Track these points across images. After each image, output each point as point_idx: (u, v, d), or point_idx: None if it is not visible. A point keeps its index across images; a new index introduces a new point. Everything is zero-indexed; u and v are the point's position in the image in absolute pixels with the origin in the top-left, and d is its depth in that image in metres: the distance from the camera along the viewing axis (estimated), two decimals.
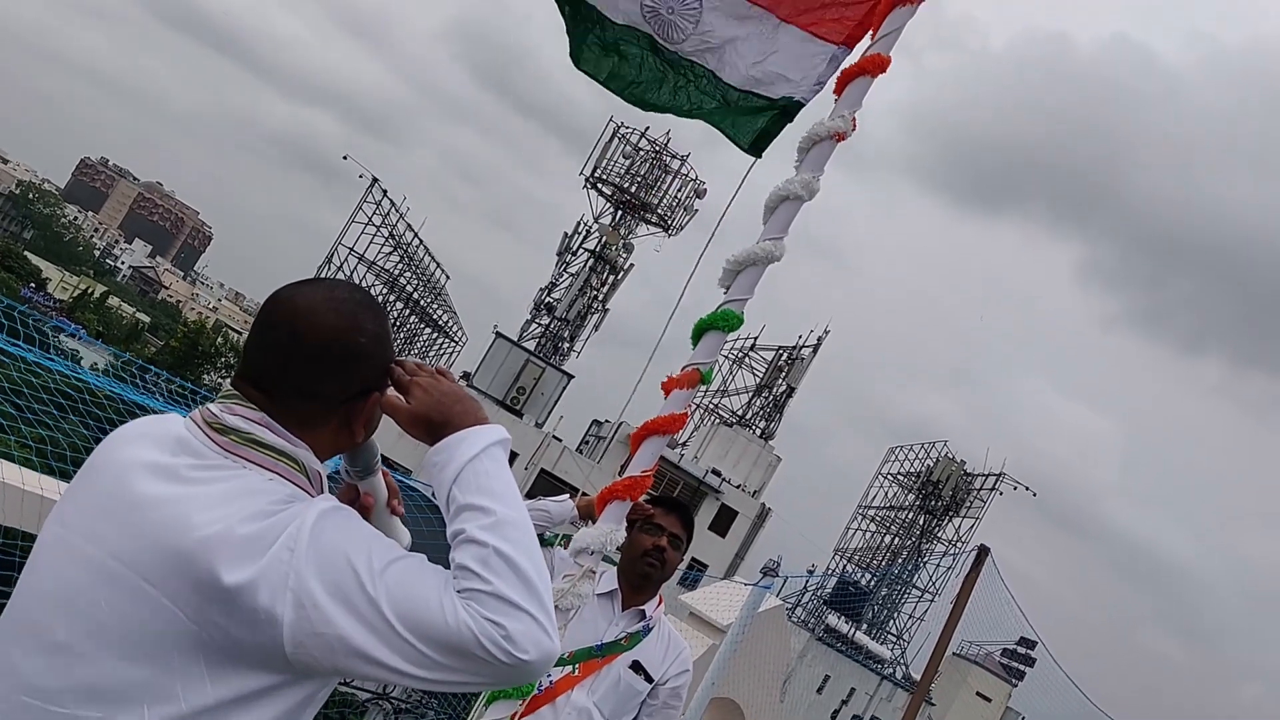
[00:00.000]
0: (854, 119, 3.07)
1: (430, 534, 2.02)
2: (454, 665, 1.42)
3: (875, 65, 3.08)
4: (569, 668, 3.50)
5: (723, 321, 3.00)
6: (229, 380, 1.65)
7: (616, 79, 3.44)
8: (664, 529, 3.69)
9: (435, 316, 60.20)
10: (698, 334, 3.04)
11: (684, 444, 53.12)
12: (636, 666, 3.59)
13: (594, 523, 3.18)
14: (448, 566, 1.51)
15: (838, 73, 3.21)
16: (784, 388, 55.88)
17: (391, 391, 1.68)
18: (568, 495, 3.81)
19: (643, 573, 3.68)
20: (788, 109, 3.35)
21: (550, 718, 3.43)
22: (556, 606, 2.69)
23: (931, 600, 51.07)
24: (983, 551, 9.36)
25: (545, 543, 3.79)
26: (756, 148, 3.44)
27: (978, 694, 49.26)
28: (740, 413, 56.03)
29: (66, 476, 5.25)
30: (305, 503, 1.50)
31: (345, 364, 1.59)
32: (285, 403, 1.58)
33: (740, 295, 3.02)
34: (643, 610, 3.68)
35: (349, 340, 1.58)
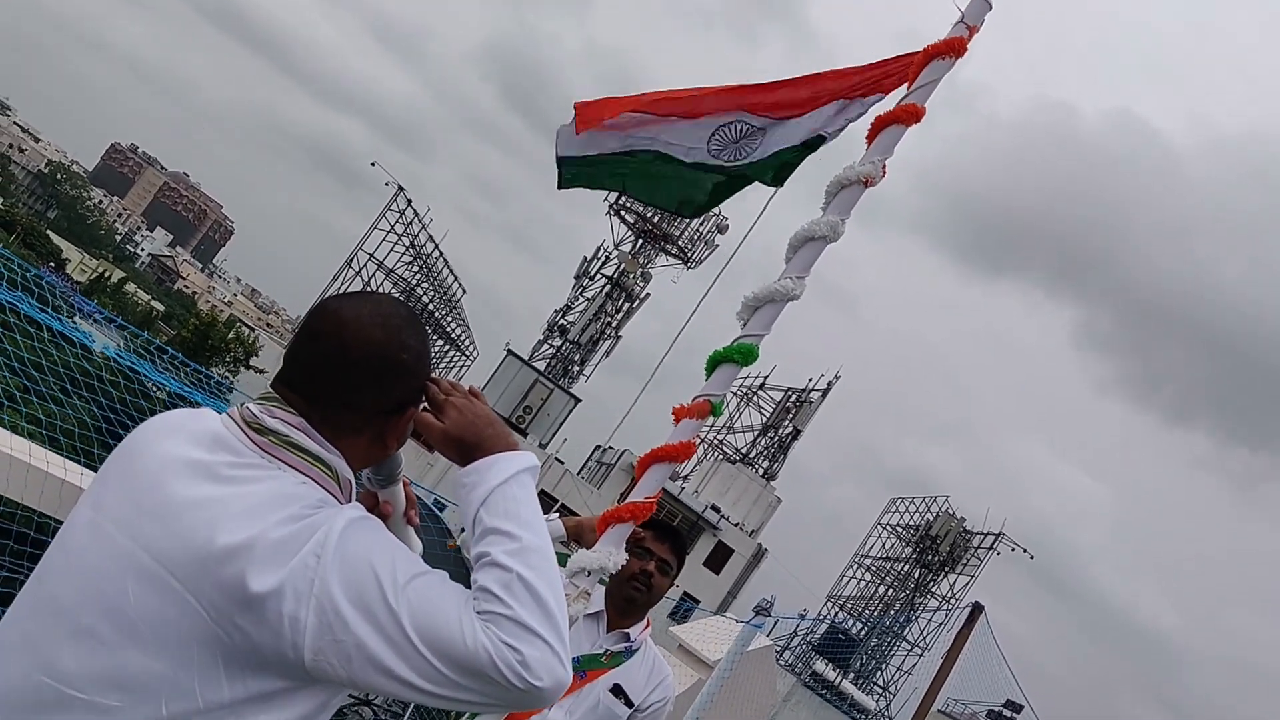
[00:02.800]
0: (884, 166, 3.08)
1: (425, 542, 2.04)
2: (466, 685, 1.44)
3: (909, 115, 3.08)
4: None
5: (739, 355, 2.99)
6: (270, 381, 1.67)
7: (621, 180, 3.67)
8: (654, 554, 3.67)
9: (449, 329, 60.34)
10: (712, 365, 3.04)
11: (685, 477, 53.00)
12: (617, 690, 3.55)
13: (581, 544, 3.17)
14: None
15: (866, 113, 3.24)
16: (790, 429, 55.81)
17: (424, 409, 1.70)
18: (557, 514, 3.81)
19: (628, 596, 3.65)
20: (809, 143, 3.40)
21: None
22: None
23: (921, 655, 50.67)
24: (977, 609, 9.31)
25: None
26: (778, 178, 3.49)
27: None
28: (744, 450, 55.94)
29: (74, 454, 5.27)
30: (334, 509, 1.52)
31: (386, 378, 1.61)
32: (323, 410, 1.60)
33: (757, 331, 3.02)
34: (627, 633, 3.65)
35: (392, 355, 1.61)
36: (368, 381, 1.60)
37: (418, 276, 56.02)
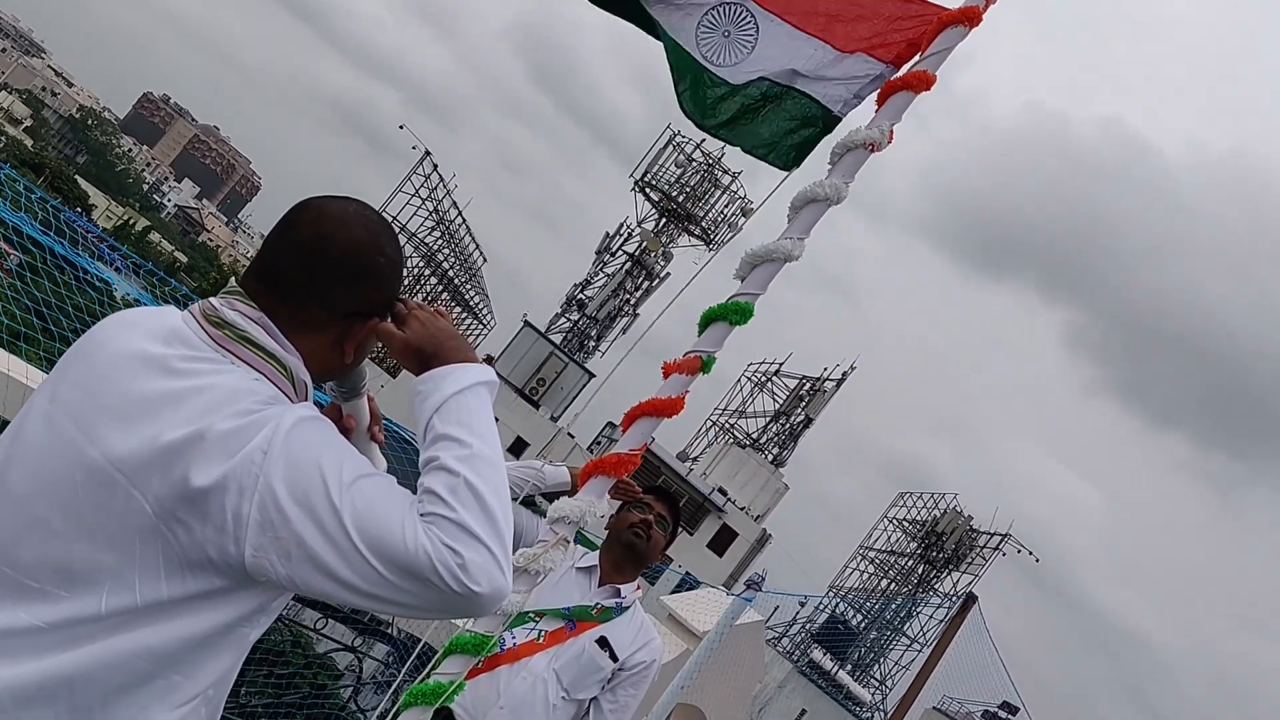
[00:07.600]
0: (891, 132, 3.05)
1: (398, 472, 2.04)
2: (404, 587, 1.43)
3: (920, 81, 3.05)
4: (534, 632, 3.49)
5: (732, 313, 2.98)
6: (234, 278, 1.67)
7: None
8: (653, 508, 3.76)
9: (467, 296, 60.34)
10: (705, 323, 3.03)
11: (695, 459, 53.04)
12: (603, 642, 3.56)
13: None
14: None
15: (879, 89, 3.20)
16: (802, 417, 55.69)
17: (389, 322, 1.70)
18: (565, 466, 3.83)
19: (627, 542, 3.71)
20: (826, 123, 3.35)
21: (506, 678, 3.42)
22: (524, 570, 2.71)
23: (919, 650, 50.66)
24: (969, 599, 9.29)
25: (535, 510, 3.80)
26: (795, 160, 3.45)
27: None
28: (755, 436, 55.87)
29: None
30: (285, 406, 1.51)
31: (360, 279, 1.62)
32: (289, 303, 1.59)
33: (753, 290, 3.01)
34: (619, 588, 3.68)
35: (369, 258, 1.62)
36: (340, 278, 1.60)
37: (439, 242, 55.98)
